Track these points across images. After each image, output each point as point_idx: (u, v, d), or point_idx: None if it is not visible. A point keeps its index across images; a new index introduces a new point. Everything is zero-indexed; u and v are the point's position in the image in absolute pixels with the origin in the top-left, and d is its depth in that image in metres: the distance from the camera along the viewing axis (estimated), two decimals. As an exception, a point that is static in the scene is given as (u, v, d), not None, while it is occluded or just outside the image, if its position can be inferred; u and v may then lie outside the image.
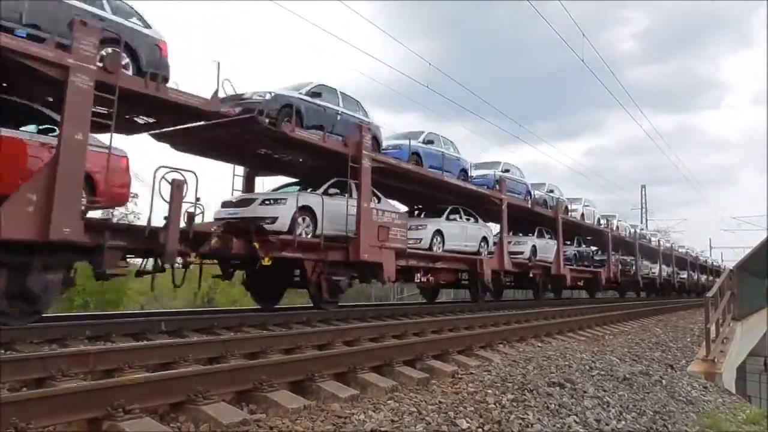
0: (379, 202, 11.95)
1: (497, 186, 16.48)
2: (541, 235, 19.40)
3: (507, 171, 17.59)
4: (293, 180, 12.44)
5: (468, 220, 15.81)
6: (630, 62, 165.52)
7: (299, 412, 3.78)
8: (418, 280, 13.63)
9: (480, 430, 3.84)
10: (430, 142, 14.41)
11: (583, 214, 23.84)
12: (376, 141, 12.08)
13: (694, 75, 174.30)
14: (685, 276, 37.05)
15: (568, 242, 21.92)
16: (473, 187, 15.26)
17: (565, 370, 5.80)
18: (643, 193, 53.05)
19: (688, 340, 11.12)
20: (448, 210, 15.00)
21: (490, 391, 4.69)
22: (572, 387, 5.17)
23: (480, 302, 15.54)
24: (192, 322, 7.96)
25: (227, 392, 3.96)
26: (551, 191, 21.44)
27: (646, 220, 50.23)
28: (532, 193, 18.80)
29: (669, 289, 33.58)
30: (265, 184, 12.60)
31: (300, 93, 10.59)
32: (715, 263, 47.84)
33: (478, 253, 15.51)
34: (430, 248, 13.57)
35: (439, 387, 4.87)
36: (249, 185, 12.37)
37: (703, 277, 42.23)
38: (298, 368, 4.52)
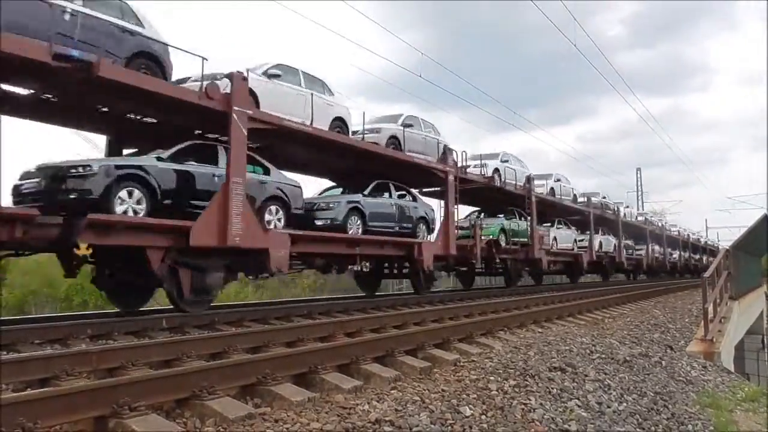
0: None
1: None
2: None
3: None
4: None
5: None
6: (618, 47, 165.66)
7: (304, 404, 3.81)
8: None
9: (483, 416, 3.88)
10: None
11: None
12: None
13: (682, 58, 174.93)
14: (642, 252, 29.32)
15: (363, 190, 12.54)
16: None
17: (566, 355, 5.86)
18: (639, 175, 53.22)
19: (687, 320, 11.21)
20: None
21: (492, 377, 4.73)
22: (573, 371, 5.22)
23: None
24: (193, 319, 7.98)
25: (232, 387, 3.97)
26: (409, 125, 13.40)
27: (642, 203, 50.46)
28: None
29: (610, 269, 25.81)
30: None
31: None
32: (713, 243, 47.05)
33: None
34: None
35: (442, 375, 4.90)
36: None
37: (676, 254, 35.45)
38: (301, 361, 4.53)
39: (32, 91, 8.20)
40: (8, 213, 6.61)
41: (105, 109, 9.00)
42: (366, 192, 12.16)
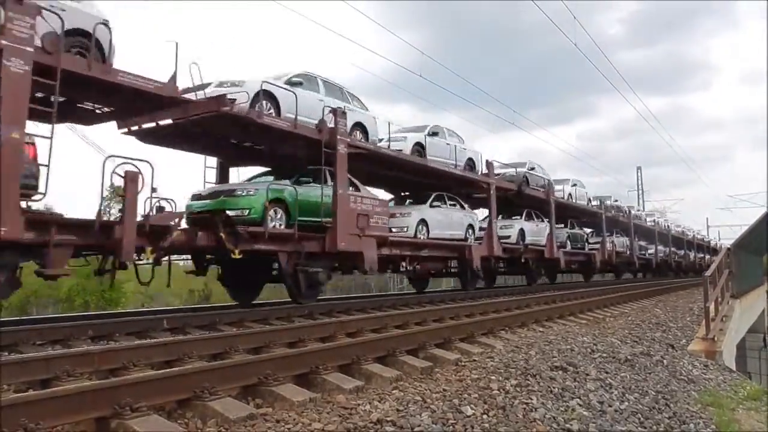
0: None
1: None
2: None
3: None
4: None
5: None
6: (618, 46, 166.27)
7: (305, 404, 3.81)
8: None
9: (485, 416, 3.88)
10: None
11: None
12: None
13: (683, 57, 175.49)
14: (597, 246, 23.28)
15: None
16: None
17: (567, 354, 5.85)
18: (639, 174, 53.14)
19: (688, 319, 11.20)
20: None
21: (493, 377, 4.73)
22: (575, 370, 5.22)
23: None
24: (194, 319, 7.98)
25: (233, 387, 3.97)
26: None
27: (644, 201, 50.42)
28: None
29: (535, 266, 19.13)
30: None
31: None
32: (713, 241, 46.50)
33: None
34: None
35: (443, 375, 4.90)
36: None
37: (652, 249, 29.31)
38: (302, 361, 4.54)
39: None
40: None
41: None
42: None
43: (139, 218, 7.62)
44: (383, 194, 14.83)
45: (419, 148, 13.87)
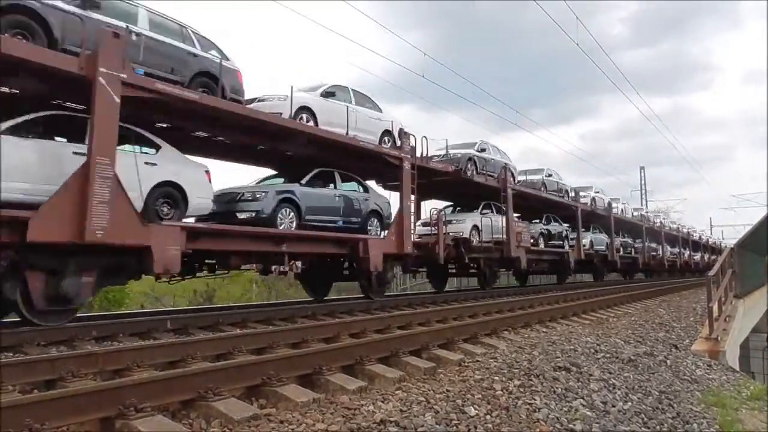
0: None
1: None
2: None
3: None
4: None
5: None
6: (621, 46, 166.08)
7: (309, 405, 3.82)
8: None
9: (488, 416, 3.88)
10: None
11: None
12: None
13: (684, 58, 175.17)
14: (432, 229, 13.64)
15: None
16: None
17: (571, 354, 5.85)
18: (642, 174, 52.95)
19: (691, 319, 11.18)
20: None
21: (496, 377, 4.73)
22: (578, 371, 5.22)
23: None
24: (197, 320, 7.99)
25: (237, 388, 3.99)
26: None
27: (647, 202, 50.26)
28: None
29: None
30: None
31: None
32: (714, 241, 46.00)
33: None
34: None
35: (446, 375, 4.91)
36: None
37: (589, 239, 19.58)
38: (305, 362, 4.55)
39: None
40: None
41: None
42: None
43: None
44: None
45: None
